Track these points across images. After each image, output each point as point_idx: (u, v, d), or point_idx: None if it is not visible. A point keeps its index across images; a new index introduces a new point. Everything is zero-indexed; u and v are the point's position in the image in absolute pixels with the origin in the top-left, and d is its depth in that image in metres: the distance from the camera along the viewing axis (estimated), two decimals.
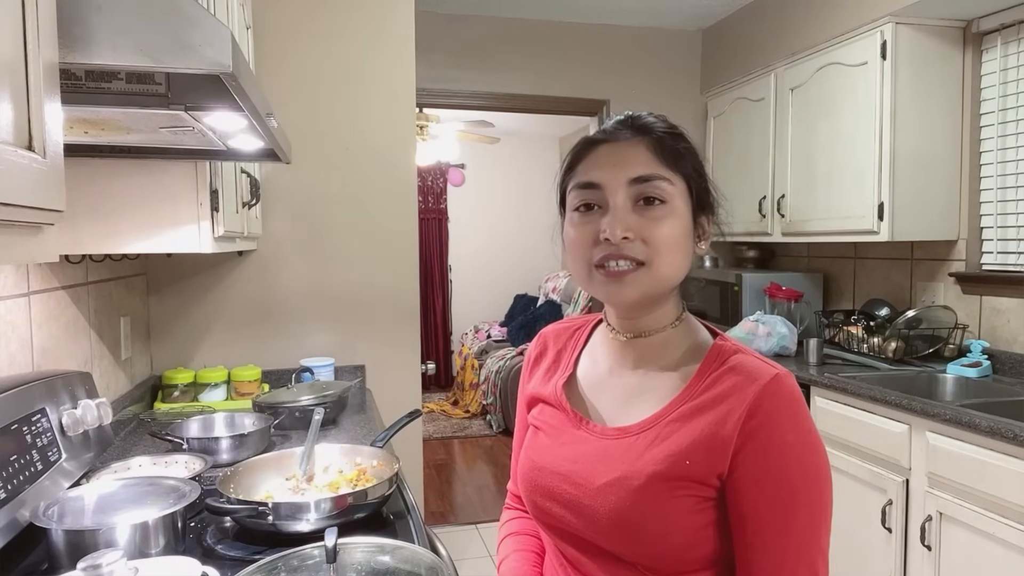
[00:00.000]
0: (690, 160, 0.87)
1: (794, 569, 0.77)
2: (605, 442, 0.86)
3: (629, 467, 0.81)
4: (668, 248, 0.83)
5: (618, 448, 0.84)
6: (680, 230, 0.84)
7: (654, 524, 0.79)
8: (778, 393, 0.78)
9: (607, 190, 0.84)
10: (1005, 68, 2.59)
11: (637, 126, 0.87)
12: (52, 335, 1.66)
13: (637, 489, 0.80)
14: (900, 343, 2.72)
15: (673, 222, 0.83)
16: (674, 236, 0.83)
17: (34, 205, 0.63)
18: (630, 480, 0.80)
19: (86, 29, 0.77)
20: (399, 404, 2.51)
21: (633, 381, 0.89)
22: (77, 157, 1.50)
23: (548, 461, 0.90)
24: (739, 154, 3.64)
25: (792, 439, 0.77)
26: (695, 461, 0.78)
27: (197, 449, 1.70)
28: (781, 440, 0.77)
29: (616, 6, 3.63)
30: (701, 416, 0.80)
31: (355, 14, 2.70)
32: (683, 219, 0.85)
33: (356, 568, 1.03)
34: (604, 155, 0.86)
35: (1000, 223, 2.63)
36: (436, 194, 7.13)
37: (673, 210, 0.84)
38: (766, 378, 0.79)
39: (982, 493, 1.91)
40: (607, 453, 0.85)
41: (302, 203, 2.69)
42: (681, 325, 0.89)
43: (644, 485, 0.79)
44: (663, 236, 0.82)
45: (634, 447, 0.83)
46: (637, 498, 0.80)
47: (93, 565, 0.87)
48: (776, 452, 0.77)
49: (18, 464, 1.19)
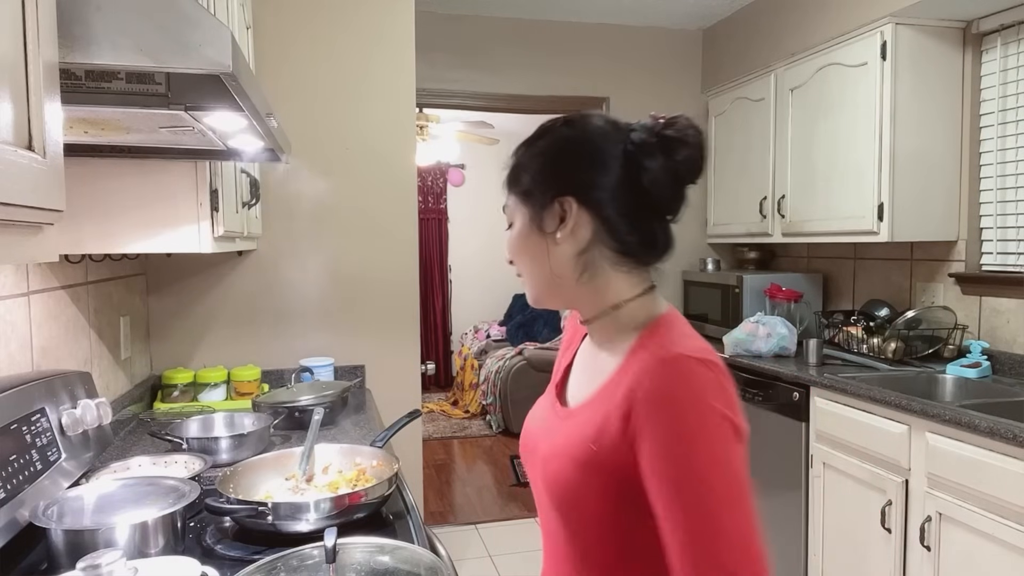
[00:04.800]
0: (517, 173, 0.90)
1: (695, 564, 0.72)
2: (556, 422, 0.91)
3: (559, 448, 0.85)
4: (519, 257, 0.90)
5: (562, 428, 0.88)
6: (521, 240, 0.89)
7: (572, 509, 0.82)
8: (664, 375, 0.75)
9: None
10: (1005, 68, 2.59)
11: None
12: (52, 335, 1.66)
13: (559, 472, 0.84)
14: (900, 343, 2.72)
15: (515, 236, 0.90)
16: (518, 246, 0.90)
17: (34, 205, 0.63)
18: (555, 460, 0.85)
19: (86, 29, 0.77)
20: (399, 404, 2.51)
21: (594, 363, 0.91)
22: (77, 157, 1.50)
23: (527, 434, 0.97)
24: (740, 154, 3.64)
25: (678, 425, 0.74)
26: (601, 446, 0.79)
27: (197, 449, 1.70)
28: (667, 427, 0.74)
29: (616, 6, 3.63)
30: (608, 400, 0.80)
31: (355, 14, 2.70)
32: (523, 229, 0.89)
33: (356, 568, 1.03)
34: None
35: (1000, 223, 2.63)
36: (436, 194, 7.13)
37: (516, 226, 0.90)
38: (646, 364, 0.78)
39: (981, 493, 1.91)
40: (553, 432, 0.89)
41: (302, 203, 2.69)
42: (626, 308, 0.87)
43: (563, 468, 0.83)
44: (511, 250, 0.91)
45: (564, 428, 0.87)
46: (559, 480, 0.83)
47: (92, 565, 0.87)
48: (662, 441, 0.74)
49: (18, 464, 1.19)
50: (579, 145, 0.87)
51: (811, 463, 2.61)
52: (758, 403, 2.93)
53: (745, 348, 3.07)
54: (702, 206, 4.04)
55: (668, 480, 0.74)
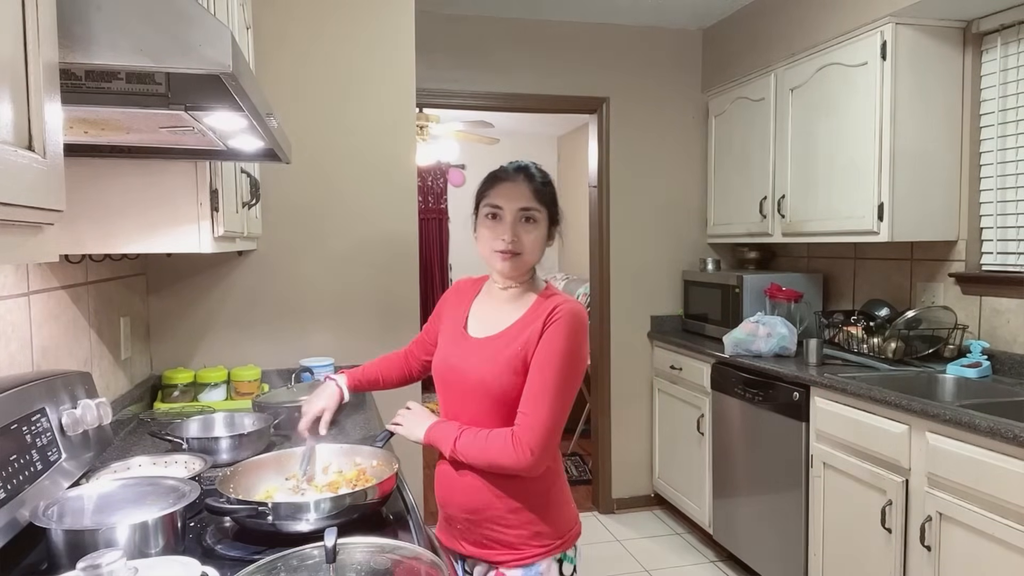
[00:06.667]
0: (550, 198, 1.47)
1: (535, 397, 1.35)
2: (475, 347, 1.47)
3: (488, 353, 1.43)
4: (533, 248, 1.44)
5: (484, 349, 1.44)
6: (541, 238, 1.45)
7: (495, 379, 1.39)
8: (565, 311, 1.38)
9: (505, 211, 1.42)
10: (1005, 68, 2.59)
11: (527, 175, 1.45)
12: (52, 335, 1.66)
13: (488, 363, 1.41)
14: (900, 343, 2.72)
15: (537, 234, 1.44)
16: (538, 241, 1.44)
17: (34, 205, 0.63)
18: (488, 361, 1.41)
19: (86, 29, 0.77)
20: (399, 404, 2.50)
21: (500, 311, 1.49)
22: (77, 157, 1.50)
23: (448, 352, 1.51)
24: (740, 154, 3.64)
25: (562, 337, 1.36)
26: (522, 348, 1.39)
27: (197, 449, 1.70)
28: (555, 336, 1.37)
29: (617, 5, 3.63)
30: (527, 327, 1.41)
31: (355, 14, 2.70)
32: (543, 231, 1.45)
33: (356, 568, 1.03)
34: (506, 189, 1.43)
35: (1000, 223, 2.63)
36: (436, 194, 7.13)
37: (538, 226, 1.44)
38: (558, 304, 1.40)
39: (982, 493, 1.91)
40: (472, 353, 1.46)
41: (302, 203, 2.69)
42: (530, 282, 1.49)
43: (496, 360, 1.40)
44: (531, 240, 1.43)
45: (494, 344, 1.44)
46: (491, 368, 1.40)
47: (93, 565, 0.87)
48: (549, 341, 1.37)
49: (18, 464, 1.19)
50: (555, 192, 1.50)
51: (811, 463, 2.61)
52: (758, 403, 2.93)
53: (745, 348, 3.07)
54: (702, 206, 4.05)
55: (540, 359, 1.37)
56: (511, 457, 1.32)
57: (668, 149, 4.02)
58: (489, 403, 1.40)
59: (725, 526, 3.26)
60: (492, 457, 1.35)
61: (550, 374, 1.34)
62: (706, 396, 3.37)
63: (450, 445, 1.39)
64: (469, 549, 1.46)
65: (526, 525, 1.41)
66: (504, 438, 1.34)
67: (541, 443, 1.32)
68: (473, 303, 1.55)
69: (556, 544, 1.43)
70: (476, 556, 1.46)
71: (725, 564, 3.32)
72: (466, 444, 1.37)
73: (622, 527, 3.84)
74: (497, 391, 1.38)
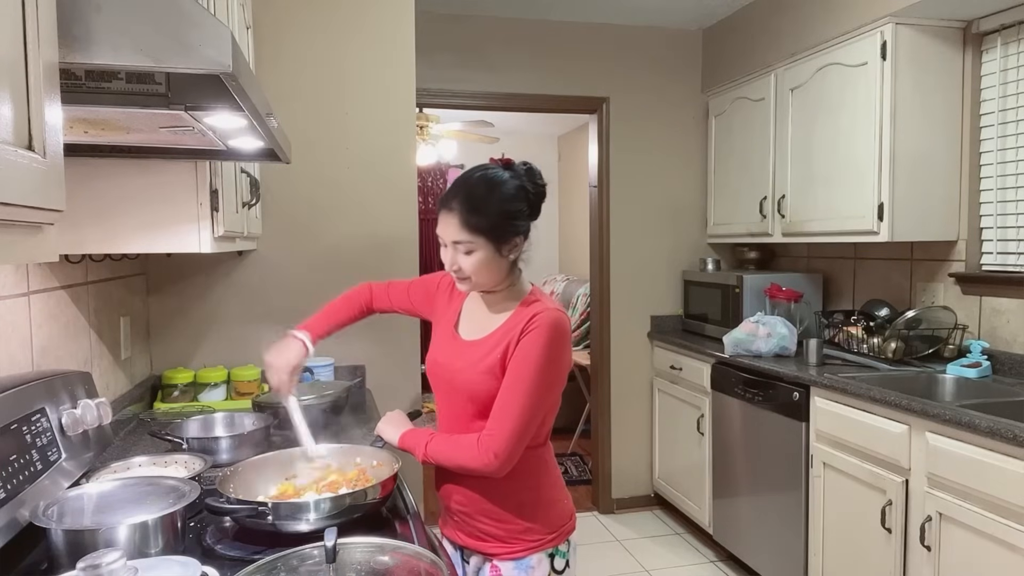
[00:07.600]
0: (487, 223, 1.39)
1: (505, 404, 1.38)
2: (464, 348, 1.50)
3: (473, 358, 1.45)
4: (478, 269, 1.42)
5: (471, 352, 1.47)
6: (484, 258, 1.41)
7: (477, 384, 1.43)
8: (542, 321, 1.39)
9: (444, 239, 1.43)
10: (1005, 68, 2.59)
11: (459, 202, 1.39)
12: (52, 335, 1.66)
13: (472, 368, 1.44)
14: (900, 343, 2.72)
15: (478, 256, 1.40)
16: (480, 264, 1.41)
17: (34, 205, 0.63)
18: (472, 365, 1.45)
19: (86, 29, 0.77)
20: (399, 404, 2.50)
21: (486, 315, 1.51)
22: (77, 157, 1.50)
23: (440, 352, 1.54)
24: (740, 154, 3.64)
25: (537, 346, 1.38)
26: (501, 355, 1.42)
27: (197, 449, 1.70)
28: (530, 346, 1.39)
29: (617, 5, 3.63)
30: (507, 335, 1.43)
31: (355, 14, 2.70)
32: (484, 254, 1.40)
33: (356, 568, 1.03)
34: (442, 220, 1.42)
35: (1000, 223, 2.63)
36: (436, 194, 7.12)
37: (475, 253, 1.40)
38: (537, 313, 1.41)
39: (982, 493, 1.91)
40: (460, 355, 1.49)
41: (302, 203, 2.69)
42: (512, 288, 1.49)
43: (478, 367, 1.43)
44: (472, 266, 1.41)
45: (479, 348, 1.46)
46: (474, 372, 1.44)
47: (92, 565, 0.87)
48: (523, 349, 1.39)
49: (18, 464, 1.19)
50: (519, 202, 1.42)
51: (811, 463, 2.61)
52: (758, 403, 2.93)
53: (745, 348, 3.07)
54: (702, 206, 4.05)
55: (513, 367, 1.39)
56: (477, 460, 1.38)
57: (668, 149, 4.02)
58: (474, 404, 1.45)
59: (725, 526, 3.26)
60: (460, 460, 1.40)
61: (521, 383, 1.38)
62: (706, 396, 3.38)
63: (422, 450, 1.45)
64: (465, 540, 1.50)
65: (516, 520, 1.45)
66: (471, 442, 1.39)
67: (506, 449, 1.36)
68: (465, 302, 1.59)
69: (547, 539, 1.47)
70: (471, 547, 1.50)
71: (725, 564, 3.32)
72: (435, 449, 1.44)
73: (622, 527, 3.84)
74: (482, 394, 1.43)
